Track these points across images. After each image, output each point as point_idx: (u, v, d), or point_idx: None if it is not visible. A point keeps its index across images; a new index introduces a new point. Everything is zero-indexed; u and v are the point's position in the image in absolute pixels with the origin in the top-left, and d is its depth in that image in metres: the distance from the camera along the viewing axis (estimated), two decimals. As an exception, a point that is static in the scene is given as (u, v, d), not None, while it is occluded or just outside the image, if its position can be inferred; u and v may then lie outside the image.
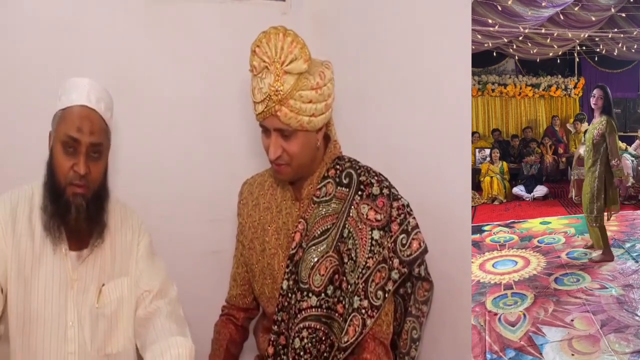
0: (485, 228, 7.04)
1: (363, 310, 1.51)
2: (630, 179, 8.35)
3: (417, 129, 1.92)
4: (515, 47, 9.90)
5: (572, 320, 4.06)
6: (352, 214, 1.55)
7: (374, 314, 1.52)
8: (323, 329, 1.54)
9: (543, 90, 10.89)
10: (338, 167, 1.61)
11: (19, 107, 1.90)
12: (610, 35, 9.39)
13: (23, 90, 1.90)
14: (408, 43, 1.93)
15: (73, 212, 1.46)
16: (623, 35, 9.26)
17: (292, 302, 1.56)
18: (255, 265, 1.67)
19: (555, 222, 7.14)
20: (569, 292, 4.60)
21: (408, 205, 1.59)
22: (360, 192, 1.56)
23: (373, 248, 1.53)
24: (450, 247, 1.80)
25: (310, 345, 1.54)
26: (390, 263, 1.54)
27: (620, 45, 9.89)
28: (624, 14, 8.62)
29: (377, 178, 1.59)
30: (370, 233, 1.53)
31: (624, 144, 9.30)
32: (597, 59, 10.93)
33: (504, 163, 9.20)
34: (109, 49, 1.95)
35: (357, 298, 1.51)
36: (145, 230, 1.70)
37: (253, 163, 1.94)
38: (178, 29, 2.00)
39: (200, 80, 2.01)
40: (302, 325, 1.54)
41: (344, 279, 1.54)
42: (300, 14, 1.91)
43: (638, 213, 7.53)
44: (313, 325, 1.54)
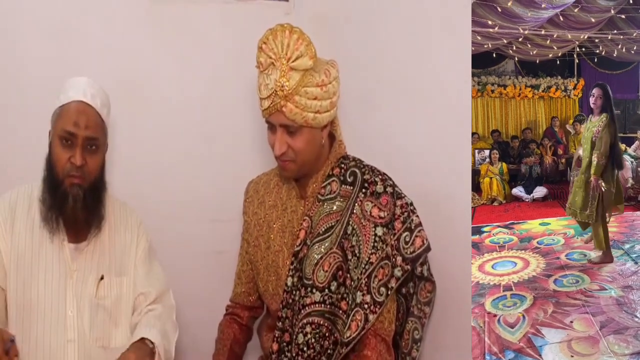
0: (485, 229, 7.05)
1: (365, 306, 1.51)
2: (630, 181, 8.36)
3: (417, 130, 1.92)
4: (515, 48, 9.91)
5: (571, 322, 4.06)
6: (355, 211, 1.56)
7: (377, 310, 1.52)
8: (327, 325, 1.55)
9: (542, 92, 10.90)
10: (343, 166, 1.62)
11: (21, 108, 1.90)
12: (610, 37, 9.40)
13: (25, 91, 1.90)
14: (408, 44, 1.93)
15: (70, 201, 1.50)
16: (622, 37, 9.28)
17: (296, 298, 1.57)
18: (260, 263, 1.68)
19: (555, 223, 7.15)
20: (568, 293, 4.61)
21: (411, 204, 1.60)
22: (364, 190, 1.57)
23: (376, 244, 1.53)
24: (451, 247, 1.81)
25: (314, 341, 1.54)
26: (394, 260, 1.55)
27: (620, 47, 9.90)
28: (624, 16, 8.64)
29: (381, 177, 1.60)
30: (374, 230, 1.54)
31: (624, 145, 9.32)
32: (596, 60, 10.95)
33: (504, 164, 9.20)
34: (111, 50, 1.95)
35: (359, 293, 1.52)
36: (144, 231, 1.71)
37: (256, 163, 1.94)
38: (180, 30, 2.00)
39: (203, 81, 2.01)
40: (305, 321, 1.54)
41: (348, 276, 1.54)
42: (303, 15, 1.90)
43: (637, 214, 7.53)
44: (317, 321, 1.54)
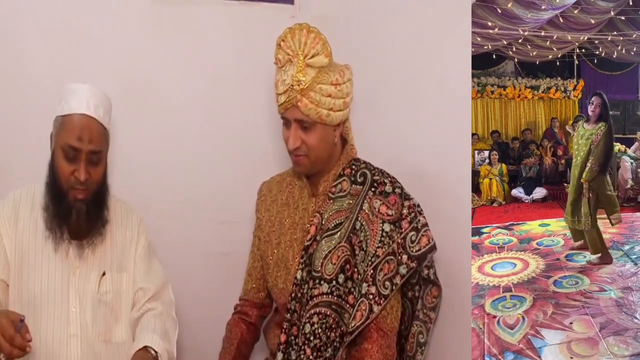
0: (484, 230, 7.06)
1: (370, 296, 1.56)
2: (630, 182, 8.38)
3: (417, 130, 1.93)
4: (515, 49, 9.93)
5: (571, 323, 4.07)
6: (364, 208, 1.61)
7: (381, 302, 1.56)
8: (333, 316, 1.58)
9: (542, 92, 10.91)
10: (354, 167, 1.68)
11: (21, 108, 1.89)
12: (610, 38, 9.42)
13: (25, 92, 1.89)
14: (409, 46, 1.94)
15: (74, 215, 1.55)
16: (622, 38, 9.30)
17: (304, 291, 1.60)
18: (270, 258, 1.71)
19: (554, 224, 7.16)
20: (568, 294, 4.62)
21: (418, 205, 1.64)
22: (374, 189, 1.63)
23: (383, 239, 1.58)
24: (451, 248, 1.81)
25: (320, 331, 1.57)
26: (399, 258, 1.59)
27: (620, 48, 9.92)
28: (623, 17, 8.66)
29: (390, 179, 1.65)
30: (382, 225, 1.59)
31: (623, 146, 9.33)
32: (596, 62, 10.96)
33: (503, 165, 9.21)
34: (114, 51, 1.94)
35: (365, 284, 1.56)
36: (144, 229, 1.73)
37: (262, 165, 1.94)
38: (184, 31, 1.99)
39: (209, 82, 2.00)
40: (313, 311, 1.57)
41: (355, 270, 1.59)
42: (308, 18, 1.89)
43: (637, 215, 7.55)
44: (324, 311, 1.57)
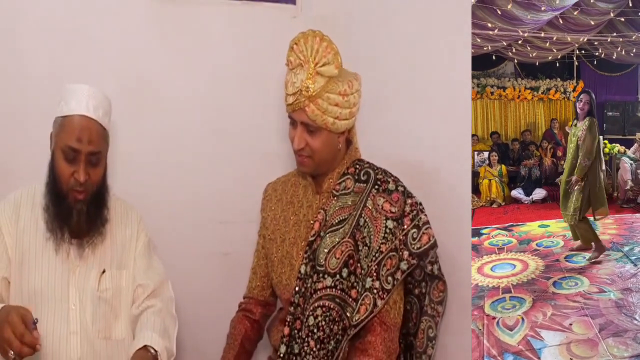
0: (484, 231, 7.06)
1: (375, 290, 1.59)
2: (630, 183, 8.39)
3: (417, 131, 1.94)
4: (515, 50, 9.93)
5: (570, 324, 4.07)
6: (368, 205, 1.64)
7: (384, 296, 1.60)
8: (337, 310, 1.60)
9: (542, 94, 10.90)
10: (358, 166, 1.71)
11: (21, 108, 1.89)
12: (609, 39, 9.43)
13: (26, 93, 1.89)
14: (409, 46, 1.95)
15: (74, 216, 1.55)
16: (622, 39, 9.30)
17: (308, 285, 1.63)
18: (275, 255, 1.74)
19: (554, 225, 7.15)
20: (568, 295, 4.62)
21: (420, 204, 1.67)
22: (377, 186, 1.66)
23: (387, 235, 1.62)
24: (451, 249, 1.81)
25: (324, 324, 1.59)
26: (400, 254, 1.62)
27: (619, 49, 9.93)
28: (623, 18, 8.66)
29: (393, 178, 1.68)
30: (385, 222, 1.62)
31: (623, 147, 9.33)
32: (596, 63, 10.97)
33: (503, 166, 9.22)
34: (114, 51, 1.94)
35: (369, 279, 1.60)
36: (144, 227, 1.74)
37: (264, 165, 1.95)
38: (186, 30, 1.99)
39: (210, 82, 2.00)
40: (316, 304, 1.60)
41: (359, 265, 1.62)
42: (310, 18, 1.90)
43: (637, 216, 7.55)
44: (327, 305, 1.60)
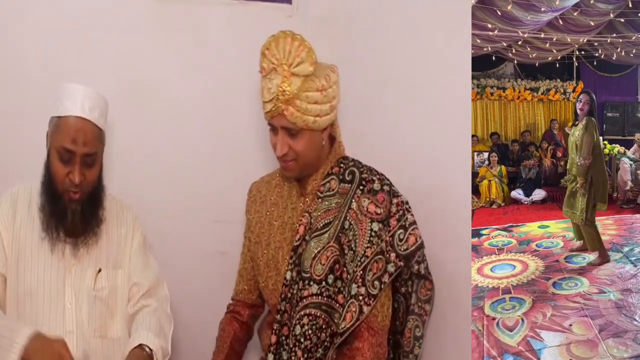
0: (484, 232, 7.05)
1: (360, 297, 1.56)
2: (629, 183, 8.38)
3: (417, 132, 1.93)
4: (515, 51, 9.93)
5: (570, 325, 4.06)
6: (353, 207, 1.61)
7: (371, 302, 1.56)
8: (323, 317, 1.58)
9: (542, 94, 10.91)
10: (342, 165, 1.67)
11: (21, 107, 1.90)
12: (609, 40, 9.43)
13: (26, 92, 1.90)
14: (409, 47, 1.94)
15: (69, 216, 1.56)
16: (622, 40, 9.31)
17: (294, 291, 1.60)
18: (261, 259, 1.71)
19: (554, 225, 7.15)
20: (567, 296, 4.61)
21: (407, 203, 1.64)
22: (362, 187, 1.62)
23: (372, 239, 1.58)
24: (451, 250, 1.81)
25: (311, 332, 1.57)
26: (387, 256, 1.59)
27: (619, 50, 9.93)
28: (623, 19, 8.66)
29: (378, 176, 1.64)
30: (370, 225, 1.59)
31: (622, 148, 9.34)
32: (595, 64, 10.97)
33: (502, 167, 9.21)
34: (114, 51, 1.95)
35: (355, 285, 1.56)
36: (139, 226, 1.74)
37: (259, 164, 1.95)
38: (183, 30, 2.00)
39: (206, 82, 2.01)
40: (303, 313, 1.57)
41: (345, 270, 1.59)
42: (306, 17, 1.90)
43: (636, 217, 7.54)
44: (313, 313, 1.57)
